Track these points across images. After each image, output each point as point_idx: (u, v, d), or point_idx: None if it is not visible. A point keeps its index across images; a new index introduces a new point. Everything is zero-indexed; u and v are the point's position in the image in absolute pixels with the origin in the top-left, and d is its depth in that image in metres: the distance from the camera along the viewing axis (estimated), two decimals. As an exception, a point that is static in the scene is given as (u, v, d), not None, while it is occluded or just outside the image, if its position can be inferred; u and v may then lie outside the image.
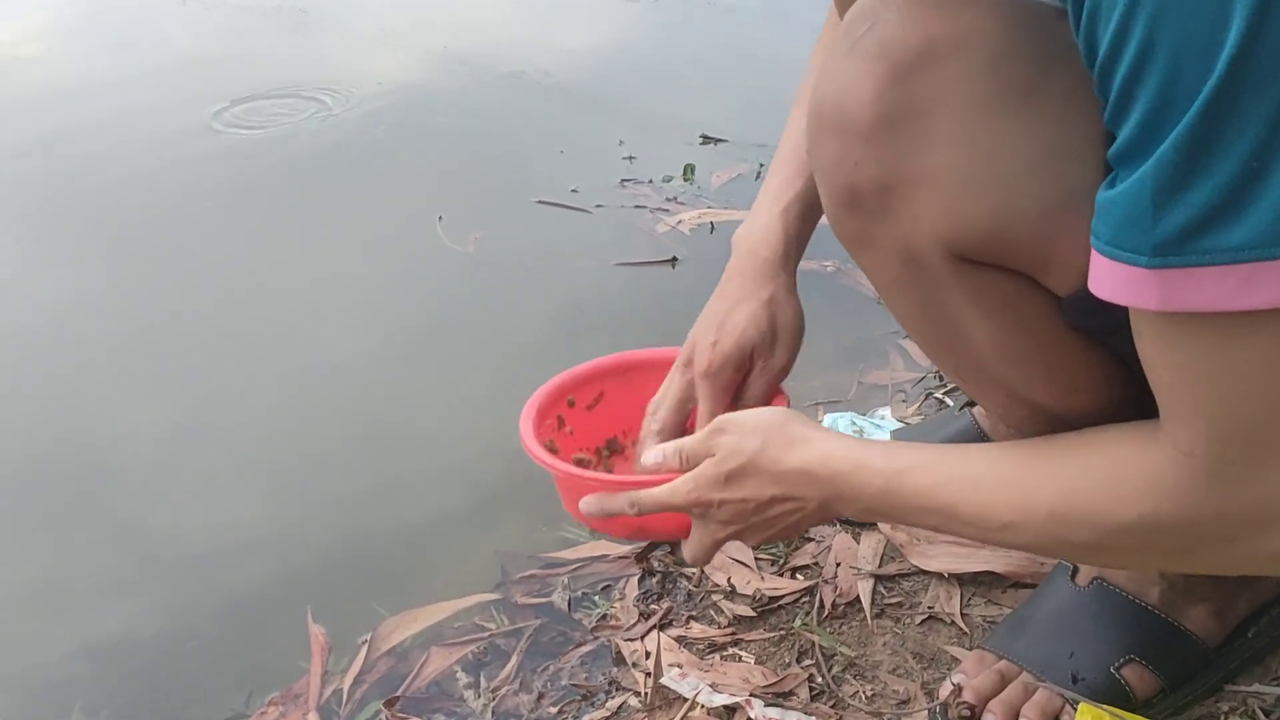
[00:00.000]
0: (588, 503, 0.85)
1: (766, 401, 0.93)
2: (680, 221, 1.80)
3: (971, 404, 1.05)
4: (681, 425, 0.95)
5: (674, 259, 1.70)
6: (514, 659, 1.02)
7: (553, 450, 0.97)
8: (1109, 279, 0.54)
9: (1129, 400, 0.68)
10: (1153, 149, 0.50)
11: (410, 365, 1.52)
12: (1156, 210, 0.50)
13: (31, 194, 2.09)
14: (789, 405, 0.91)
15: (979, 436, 1.01)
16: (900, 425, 1.26)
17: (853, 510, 0.74)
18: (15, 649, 1.13)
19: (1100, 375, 0.69)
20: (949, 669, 0.91)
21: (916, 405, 1.32)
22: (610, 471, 1.01)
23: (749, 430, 0.76)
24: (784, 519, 0.76)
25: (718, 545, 0.82)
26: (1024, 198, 0.61)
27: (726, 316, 0.92)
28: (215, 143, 2.21)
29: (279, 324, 1.65)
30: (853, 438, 0.75)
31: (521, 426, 0.95)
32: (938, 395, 1.33)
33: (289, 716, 1.00)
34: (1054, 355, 0.68)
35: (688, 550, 0.83)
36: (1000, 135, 0.60)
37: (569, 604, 1.07)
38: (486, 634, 1.06)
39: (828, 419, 1.28)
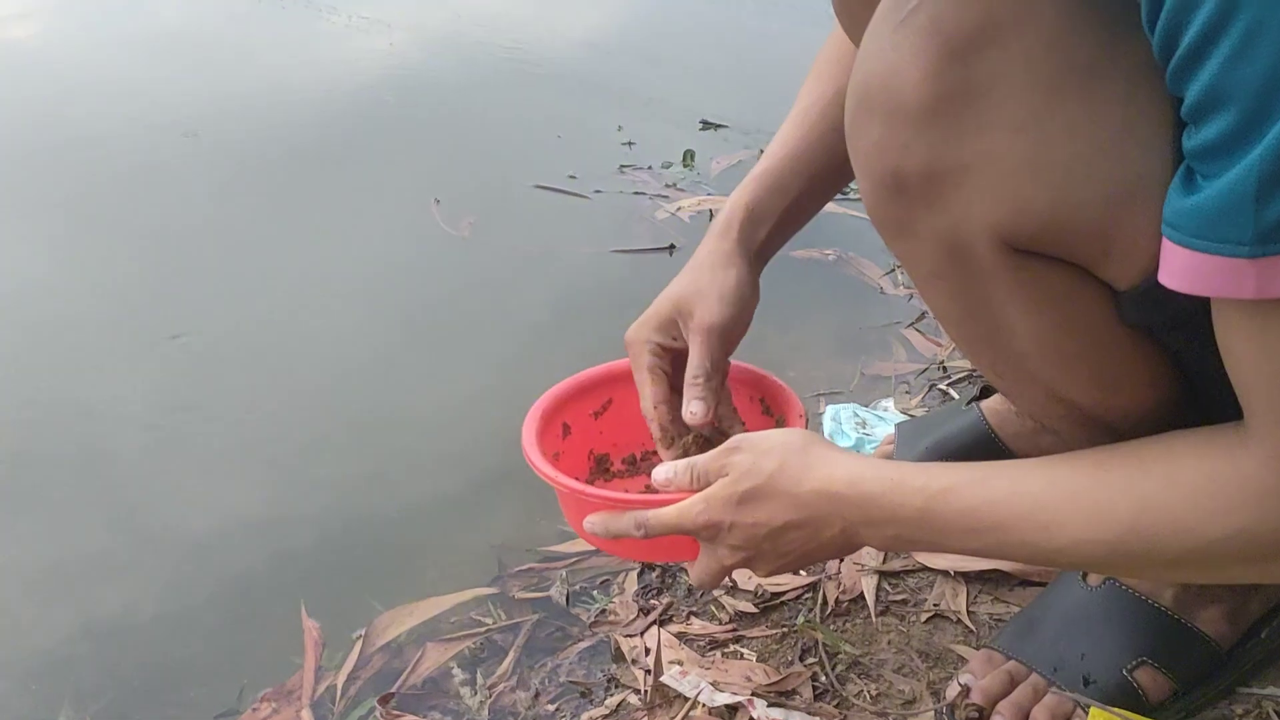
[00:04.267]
0: (592, 522, 0.81)
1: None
2: (679, 209, 1.77)
3: (978, 398, 1.03)
4: (679, 422, 0.88)
5: (672, 246, 1.68)
6: (511, 655, 1.01)
7: (556, 459, 0.93)
8: (1191, 270, 0.52)
9: (1172, 402, 0.66)
10: (1258, 138, 0.47)
11: (404, 352, 1.49)
12: (1261, 199, 0.48)
13: (30, 175, 2.06)
14: (807, 427, 0.87)
15: (986, 433, 0.99)
16: (903, 417, 1.25)
17: (882, 536, 0.70)
18: (8, 633, 1.12)
19: (1146, 374, 0.66)
20: (955, 668, 0.90)
21: (920, 397, 1.30)
22: (614, 483, 0.97)
23: (767, 449, 0.72)
24: (798, 547, 0.72)
25: (725, 572, 0.77)
26: (1086, 184, 0.58)
27: (716, 283, 0.87)
28: (209, 126, 2.18)
29: (273, 308, 1.62)
30: (883, 460, 0.71)
31: (524, 434, 0.90)
32: (941, 387, 1.31)
33: (282, 713, 0.98)
34: (1100, 352, 0.65)
35: (694, 574, 0.79)
36: (1062, 118, 0.57)
37: (567, 599, 1.05)
38: (483, 629, 1.04)
39: (829, 410, 1.27)
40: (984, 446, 1.00)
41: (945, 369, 1.35)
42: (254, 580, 1.15)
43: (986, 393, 1.05)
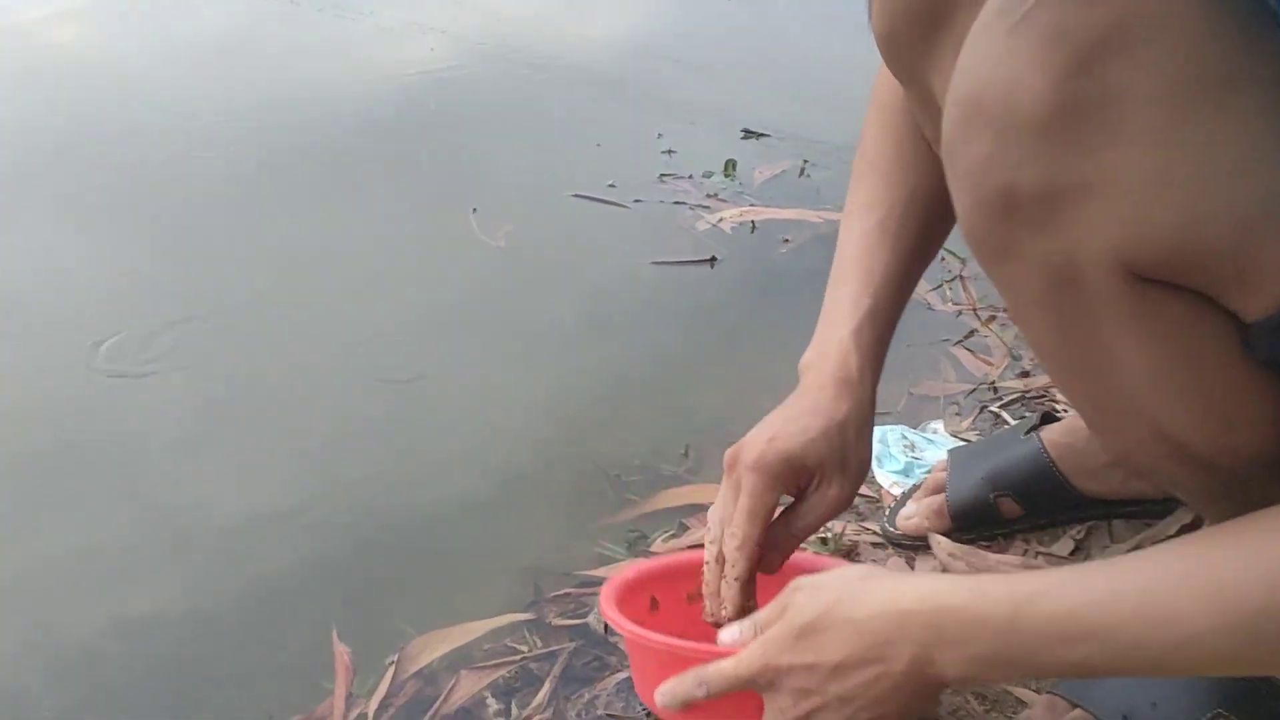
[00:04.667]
0: (661, 693, 0.74)
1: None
2: (721, 219, 1.74)
3: (1036, 427, 0.98)
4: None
5: (713, 258, 1.64)
6: (547, 685, 0.97)
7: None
8: None
9: None
10: None
11: (438, 365, 1.46)
12: None
13: (67, 170, 2.05)
14: None
15: (1047, 466, 0.95)
16: (953, 440, 1.20)
17: (961, 660, 0.61)
18: (37, 628, 1.11)
19: (1268, 412, 0.60)
20: (1013, 712, 0.86)
21: (971, 419, 1.26)
22: None
23: (826, 583, 0.66)
24: (865, 691, 0.63)
25: None
26: (1220, 204, 0.53)
27: (790, 421, 0.79)
28: (247, 129, 2.17)
29: (305, 315, 1.60)
30: (953, 576, 0.66)
31: (604, 591, 0.86)
32: (993, 409, 1.27)
33: (311, 742, 0.95)
34: (1220, 387, 0.60)
35: None
36: (1196, 132, 0.52)
37: (605, 626, 1.02)
38: (518, 657, 1.01)
39: (877, 432, 1.22)
40: (1044, 479, 0.96)
41: (996, 390, 1.31)
42: (284, 600, 1.12)
43: (1047, 419, 1.01)
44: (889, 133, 0.87)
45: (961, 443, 1.18)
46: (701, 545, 0.84)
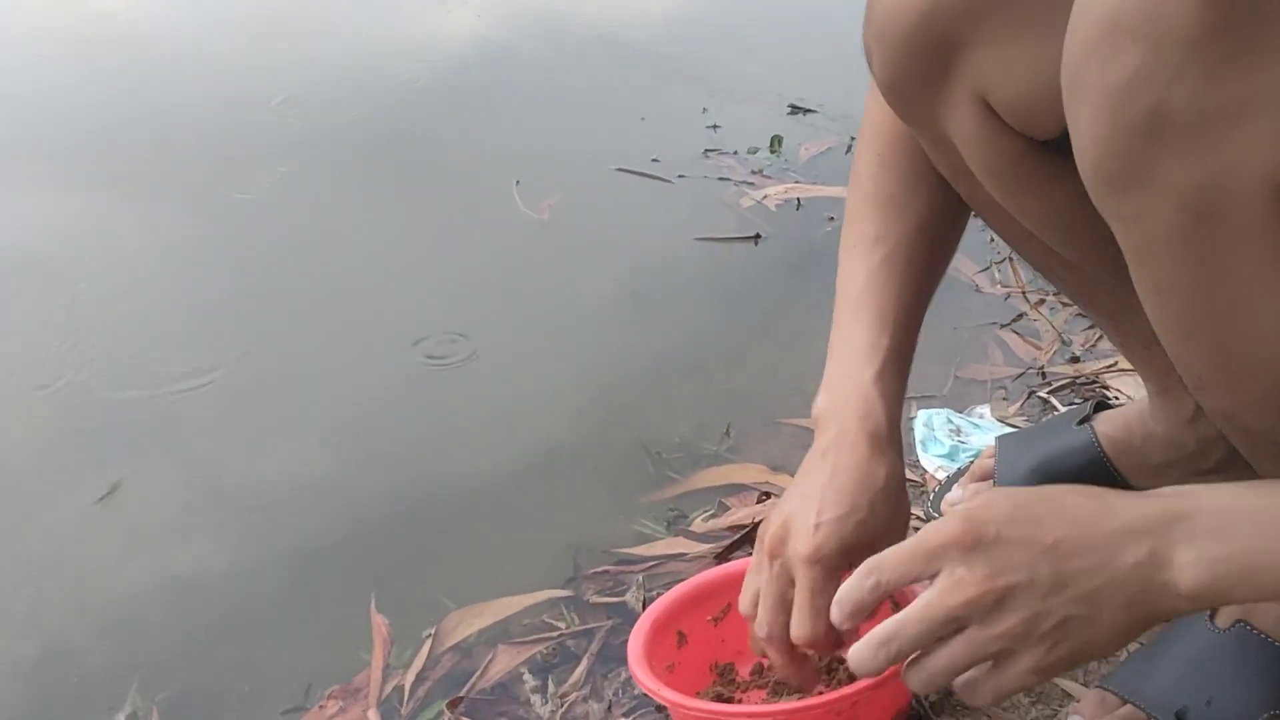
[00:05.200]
0: (839, 603, 0.64)
1: None
2: (765, 196, 1.72)
3: (1089, 418, 0.96)
4: (787, 623, 0.74)
5: (757, 236, 1.62)
6: (584, 662, 0.97)
7: (671, 672, 0.85)
8: None
9: None
10: None
11: (480, 334, 1.46)
12: None
13: (115, 141, 2.07)
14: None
15: (1099, 459, 0.93)
16: (1000, 426, 1.18)
17: (1204, 563, 0.55)
18: (85, 590, 1.13)
19: None
20: (1060, 705, 0.84)
21: (1019, 404, 1.24)
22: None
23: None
24: (1079, 582, 0.56)
25: (990, 641, 0.58)
26: None
27: (835, 503, 0.74)
28: (294, 97, 2.17)
29: (348, 282, 1.61)
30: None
31: (630, 646, 0.83)
32: (1041, 394, 1.24)
33: (349, 711, 0.95)
34: None
35: (929, 665, 0.61)
36: None
37: (643, 605, 1.01)
38: (556, 634, 1.00)
39: (921, 415, 1.21)
40: (1096, 473, 0.93)
41: (1045, 375, 1.28)
42: (325, 568, 1.13)
43: (1100, 407, 0.98)
44: (886, 165, 0.84)
45: (1008, 428, 1.16)
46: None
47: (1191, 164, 0.53)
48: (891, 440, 0.77)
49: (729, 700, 0.86)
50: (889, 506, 0.75)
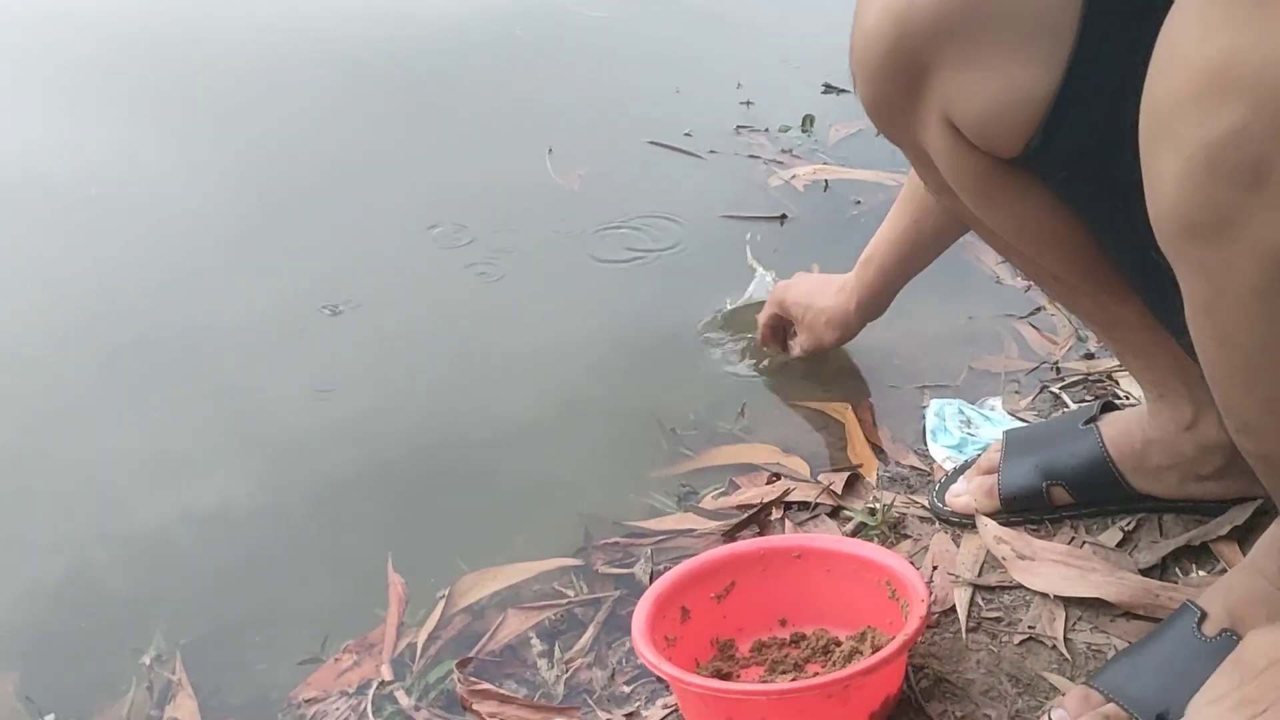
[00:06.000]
0: None
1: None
2: (794, 176, 1.73)
3: (1095, 418, 0.98)
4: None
5: (783, 216, 1.64)
6: (590, 630, 1.00)
7: (671, 645, 0.89)
8: None
9: None
10: None
11: (503, 307, 1.49)
12: None
13: (154, 75, 2.12)
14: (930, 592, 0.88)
15: (1103, 461, 0.95)
16: (1010, 419, 1.20)
17: None
18: (110, 518, 1.19)
19: None
20: (1046, 697, 0.87)
21: (1030, 398, 1.25)
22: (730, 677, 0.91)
23: None
24: None
25: None
26: None
27: (814, 294, 1.25)
28: (329, 55, 2.19)
29: (375, 237, 1.65)
30: None
31: (635, 619, 0.88)
32: (1054, 390, 1.26)
33: (363, 666, 0.99)
34: None
35: None
36: None
37: (650, 577, 1.04)
38: (565, 601, 1.04)
39: (933, 405, 1.23)
40: (1100, 474, 0.96)
41: (1059, 370, 1.30)
42: (345, 522, 1.17)
43: (1107, 408, 1.00)
44: None
45: (1019, 422, 1.18)
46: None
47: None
48: (855, 291, 1.22)
49: (727, 675, 0.90)
50: (824, 312, 1.23)
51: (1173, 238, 0.59)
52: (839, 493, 1.10)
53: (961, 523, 1.04)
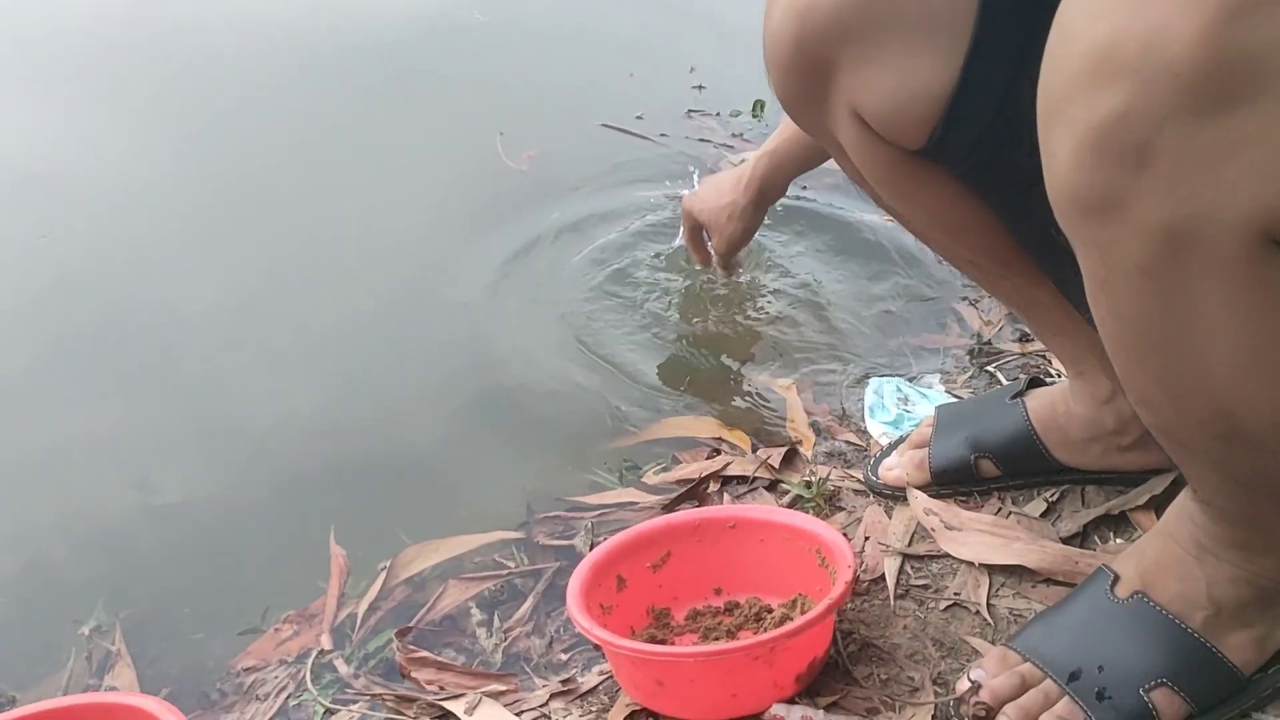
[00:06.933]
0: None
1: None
2: (743, 160, 1.74)
3: (1022, 393, 1.01)
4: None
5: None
6: (529, 600, 1.02)
7: (607, 613, 0.90)
8: None
9: None
10: None
11: (450, 284, 1.50)
12: None
13: (117, 60, 2.12)
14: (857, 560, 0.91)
15: (1028, 434, 0.98)
16: (947, 396, 1.23)
17: None
18: (63, 500, 1.19)
19: None
20: (968, 660, 0.89)
21: (967, 375, 1.28)
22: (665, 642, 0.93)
23: None
24: None
25: None
26: None
27: (715, 196, 1.34)
28: (287, 42, 2.18)
29: (324, 223, 1.65)
30: None
31: (570, 587, 0.89)
32: (990, 368, 1.29)
33: (302, 636, 1.00)
34: None
35: None
36: None
37: (590, 549, 1.06)
38: (505, 572, 1.05)
39: (872, 383, 1.25)
40: (1025, 447, 0.98)
41: (994, 348, 1.33)
42: (290, 500, 1.18)
43: (1034, 383, 1.03)
44: None
45: (955, 399, 1.21)
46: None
47: (1171, 202, 0.55)
48: (751, 184, 1.30)
49: (662, 642, 0.91)
50: (725, 209, 1.32)
51: (1068, 217, 0.61)
52: (776, 467, 1.12)
53: (894, 495, 1.06)
